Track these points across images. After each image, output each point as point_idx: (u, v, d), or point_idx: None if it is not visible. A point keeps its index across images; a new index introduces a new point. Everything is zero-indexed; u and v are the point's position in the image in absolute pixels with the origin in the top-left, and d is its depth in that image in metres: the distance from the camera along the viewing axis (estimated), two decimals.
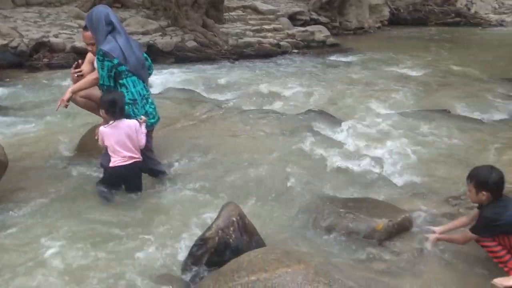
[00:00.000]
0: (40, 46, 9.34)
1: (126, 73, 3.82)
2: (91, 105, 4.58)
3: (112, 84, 3.82)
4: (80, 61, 4.47)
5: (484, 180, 2.97)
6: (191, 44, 11.02)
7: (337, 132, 5.82)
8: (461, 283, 2.97)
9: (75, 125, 5.46)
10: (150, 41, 10.36)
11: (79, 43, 9.63)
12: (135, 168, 3.88)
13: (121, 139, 3.75)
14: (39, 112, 6.19)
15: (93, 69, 4.57)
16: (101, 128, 3.80)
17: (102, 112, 3.78)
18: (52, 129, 5.44)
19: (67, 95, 3.96)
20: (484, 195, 2.99)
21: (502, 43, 14.66)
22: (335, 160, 5.01)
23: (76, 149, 4.84)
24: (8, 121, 5.85)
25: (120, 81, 3.83)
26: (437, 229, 3.31)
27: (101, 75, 3.81)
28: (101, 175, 3.99)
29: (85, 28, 4.06)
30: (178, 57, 10.61)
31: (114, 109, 3.71)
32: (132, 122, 3.81)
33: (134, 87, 3.88)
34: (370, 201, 3.84)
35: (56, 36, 9.80)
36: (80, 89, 4.12)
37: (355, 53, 12.43)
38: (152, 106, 4.05)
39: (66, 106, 4.00)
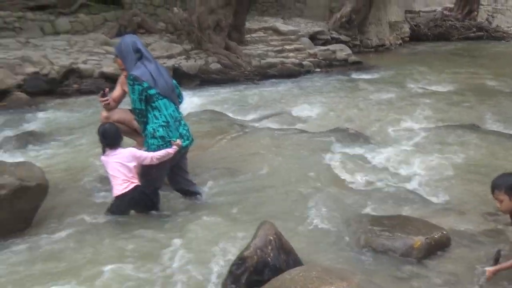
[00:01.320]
0: (70, 72, 9.60)
1: (157, 96, 3.94)
2: (124, 129, 4.69)
3: (143, 107, 3.93)
4: (106, 89, 4.59)
5: None
6: (215, 66, 11.19)
7: (365, 149, 5.82)
8: None
9: None
10: (175, 65, 10.56)
11: (107, 69, 9.88)
12: (138, 193, 3.96)
13: (112, 168, 3.93)
14: (72, 136, 6.35)
15: (124, 93, 4.72)
16: (101, 157, 4.01)
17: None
18: (85, 152, 5.57)
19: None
20: None
21: None
22: (365, 178, 5.01)
23: None
24: (43, 146, 6.00)
25: (152, 104, 3.94)
26: (489, 269, 3.17)
27: (132, 99, 3.94)
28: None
29: (116, 56, 4.24)
30: (203, 79, 10.78)
31: (104, 139, 3.96)
32: (127, 151, 3.96)
33: (166, 109, 3.98)
34: (404, 218, 3.82)
35: (84, 62, 10.07)
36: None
37: (378, 70, 12.45)
38: (186, 128, 4.14)
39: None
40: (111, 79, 9.60)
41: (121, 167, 3.91)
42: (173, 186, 4.33)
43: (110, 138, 3.96)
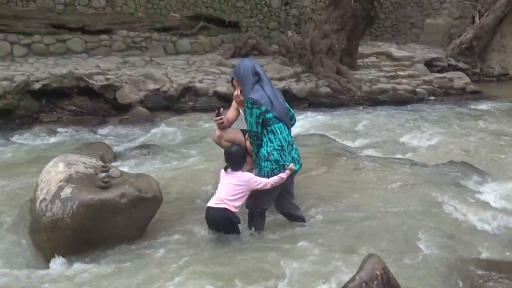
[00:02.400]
0: (187, 90, 10.18)
1: (273, 119, 3.99)
2: None
3: (259, 130, 4.01)
4: (221, 109, 4.74)
5: None
6: (324, 90, 11.22)
7: (481, 185, 5.43)
8: None
9: (220, 165, 5.77)
10: (286, 87, 10.74)
11: (220, 88, 10.33)
12: (221, 213, 3.97)
13: (223, 184, 4.02)
14: (186, 150, 6.70)
15: (237, 114, 4.87)
16: (222, 171, 4.11)
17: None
18: (199, 168, 5.82)
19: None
20: None
21: None
22: (479, 217, 4.65)
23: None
24: (159, 159, 6.40)
25: (268, 127, 4.01)
26: None
27: (249, 122, 4.03)
28: (245, 216, 4.16)
29: (233, 79, 4.30)
30: (311, 102, 10.85)
31: (229, 160, 4.06)
32: (246, 176, 4.01)
33: (281, 133, 4.03)
34: None
35: (200, 81, 10.62)
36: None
37: (498, 101, 11.62)
38: (297, 152, 4.17)
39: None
40: (224, 98, 10.03)
41: (231, 188, 4.00)
42: (278, 209, 4.37)
43: (235, 161, 4.06)
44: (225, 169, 4.10)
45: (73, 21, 11.63)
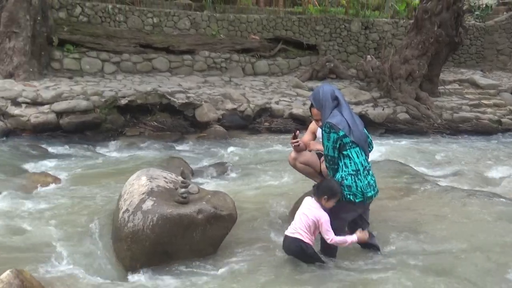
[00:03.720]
0: (263, 111, 10.34)
1: (350, 144, 3.97)
2: (309, 170, 4.87)
3: (336, 155, 4.00)
4: (297, 132, 4.77)
5: None
6: (402, 116, 10.96)
7: None
8: None
9: (293, 187, 5.80)
10: (362, 111, 10.61)
11: (296, 110, 10.39)
12: (295, 244, 3.95)
13: (300, 213, 4.01)
14: (261, 171, 6.77)
15: (313, 138, 4.89)
16: (308, 197, 4.10)
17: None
18: (272, 188, 5.87)
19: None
20: None
21: None
22: None
23: (290, 212, 5.13)
24: (234, 177, 6.53)
25: (344, 152, 3.99)
26: None
27: (326, 146, 4.03)
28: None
29: (313, 105, 4.23)
30: (388, 128, 10.63)
31: (317, 187, 4.02)
32: (321, 216, 3.93)
33: (358, 157, 4.00)
34: None
35: (277, 102, 10.75)
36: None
37: None
38: (373, 178, 4.10)
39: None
40: (299, 120, 10.10)
41: (304, 219, 3.97)
42: None
43: (321, 191, 3.97)
44: (312, 196, 4.06)
45: (159, 41, 12.24)
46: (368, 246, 4.27)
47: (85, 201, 5.43)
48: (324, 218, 3.93)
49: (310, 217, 3.94)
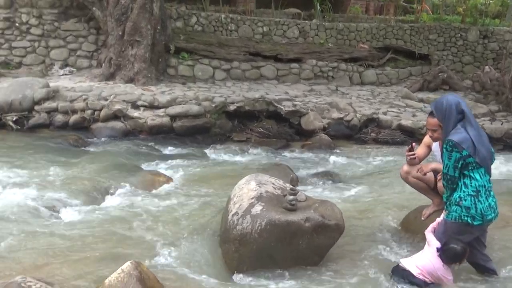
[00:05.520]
0: (370, 121, 10.09)
1: (474, 164, 3.69)
2: (421, 185, 4.64)
3: (456, 174, 3.74)
4: (414, 144, 4.57)
5: None
6: None
7: None
8: None
9: (403, 199, 5.59)
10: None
11: (405, 122, 10.00)
12: (402, 275, 3.94)
13: (424, 250, 3.96)
14: (368, 182, 6.62)
15: (428, 152, 4.65)
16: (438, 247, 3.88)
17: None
18: (380, 202, 5.69)
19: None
20: None
21: None
22: None
23: (400, 224, 4.94)
24: (339, 187, 6.44)
25: (465, 172, 3.72)
26: None
27: (446, 164, 3.78)
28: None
29: (431, 114, 3.99)
30: (507, 144, 9.85)
31: (443, 252, 3.83)
32: (436, 265, 3.83)
33: (480, 178, 3.72)
34: None
35: (384, 113, 10.43)
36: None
37: None
38: (494, 200, 3.81)
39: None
40: (408, 132, 9.73)
41: (425, 259, 3.92)
42: (467, 258, 4.02)
43: (448, 257, 3.81)
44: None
45: (268, 49, 12.48)
46: (484, 269, 4.00)
47: (196, 201, 5.68)
48: (440, 267, 3.86)
49: (426, 260, 3.91)
